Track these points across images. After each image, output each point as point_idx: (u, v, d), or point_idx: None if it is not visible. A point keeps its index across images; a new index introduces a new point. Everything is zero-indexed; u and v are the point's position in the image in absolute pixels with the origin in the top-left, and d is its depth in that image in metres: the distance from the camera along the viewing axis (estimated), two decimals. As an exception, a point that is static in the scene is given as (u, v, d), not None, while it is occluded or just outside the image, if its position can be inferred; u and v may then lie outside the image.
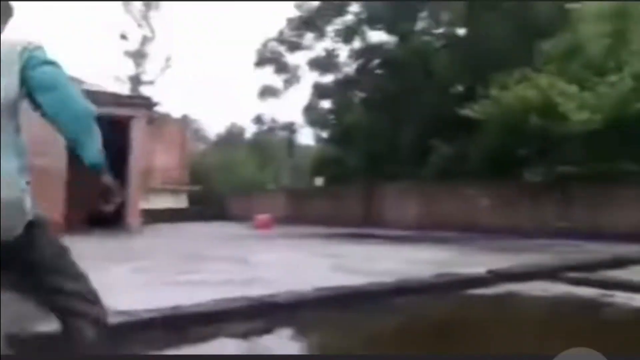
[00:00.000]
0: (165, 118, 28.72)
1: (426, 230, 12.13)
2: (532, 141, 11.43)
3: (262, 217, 16.82)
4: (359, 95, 21.29)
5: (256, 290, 4.49)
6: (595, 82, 10.82)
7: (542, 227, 11.12)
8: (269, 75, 26.26)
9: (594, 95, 10.53)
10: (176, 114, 34.64)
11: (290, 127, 27.32)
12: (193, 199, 27.56)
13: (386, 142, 17.25)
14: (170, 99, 67.46)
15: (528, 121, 11.22)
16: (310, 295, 4.43)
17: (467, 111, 12.56)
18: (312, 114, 23.16)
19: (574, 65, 11.71)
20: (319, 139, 24.52)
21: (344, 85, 21.60)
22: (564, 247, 8.49)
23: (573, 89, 10.93)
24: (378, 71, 19.90)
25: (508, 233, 10.87)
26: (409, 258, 7.32)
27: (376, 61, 20.16)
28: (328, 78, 22.49)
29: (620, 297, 4.81)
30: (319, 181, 20.53)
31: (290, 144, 29.67)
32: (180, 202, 27.05)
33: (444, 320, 4.41)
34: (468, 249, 8.61)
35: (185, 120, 34.08)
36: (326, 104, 23.06)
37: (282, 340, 3.59)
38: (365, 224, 15.08)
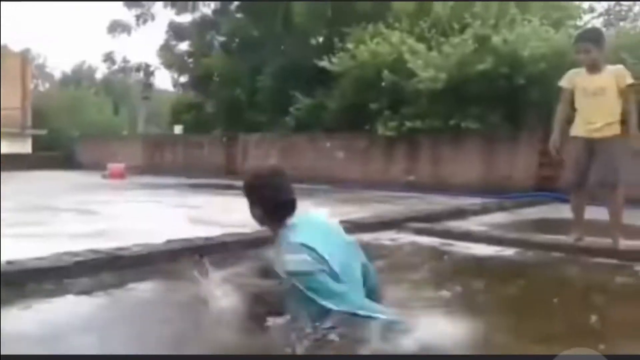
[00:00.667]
0: (1, 51, 25.97)
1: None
2: (385, 96, 11.86)
3: (116, 165, 16.02)
4: (218, 38, 20.58)
5: (105, 243, 4.32)
6: (441, 42, 11.40)
7: (392, 180, 11.72)
8: (119, 9, 24.54)
9: (440, 55, 11.10)
10: (15, 47, 31.41)
11: (144, 69, 25.81)
12: (38, 144, 25.46)
13: (246, 90, 17.02)
14: (6, 30, 60.87)
15: (381, 76, 11.61)
16: (162, 248, 4.34)
17: (325, 63, 12.71)
18: (168, 56, 22.01)
19: (422, 25, 12.23)
20: (176, 84, 23.45)
21: (202, 27, 20.77)
22: (411, 199, 9.05)
23: (421, 47, 11.44)
24: (238, 15, 19.34)
25: (361, 185, 11.33)
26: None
27: (236, 3, 19.55)
28: (185, 18, 21.47)
29: (458, 247, 5.24)
30: (178, 129, 19.84)
31: (146, 87, 28.19)
32: (23, 147, 24.92)
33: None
34: (324, 200, 8.88)
35: (26, 55, 30.95)
36: (184, 46, 22.05)
37: (130, 293, 3.51)
38: (226, 174, 14.96)
